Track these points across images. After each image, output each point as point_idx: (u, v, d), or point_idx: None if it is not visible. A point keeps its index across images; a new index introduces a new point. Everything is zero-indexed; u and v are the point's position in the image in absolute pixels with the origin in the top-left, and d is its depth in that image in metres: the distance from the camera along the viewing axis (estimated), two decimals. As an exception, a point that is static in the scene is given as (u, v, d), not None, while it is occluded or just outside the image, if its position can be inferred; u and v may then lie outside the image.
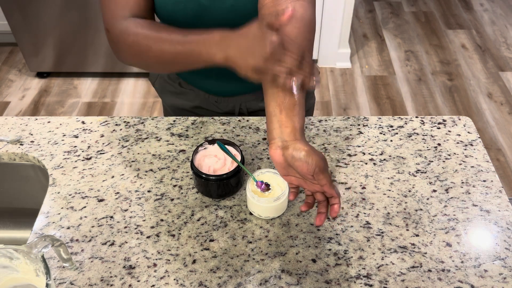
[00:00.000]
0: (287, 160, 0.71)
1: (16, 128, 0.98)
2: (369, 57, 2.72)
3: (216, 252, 0.76)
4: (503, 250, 0.76)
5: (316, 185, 0.72)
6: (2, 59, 2.71)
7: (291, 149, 0.71)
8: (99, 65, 2.49)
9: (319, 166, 0.69)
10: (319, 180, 0.70)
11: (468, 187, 0.85)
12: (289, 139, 0.72)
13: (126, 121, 0.99)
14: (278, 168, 0.74)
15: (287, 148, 0.71)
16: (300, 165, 0.70)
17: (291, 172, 0.74)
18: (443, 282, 0.71)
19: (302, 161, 0.69)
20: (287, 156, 0.71)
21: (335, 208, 0.71)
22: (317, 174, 0.69)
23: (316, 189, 0.73)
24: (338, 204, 0.71)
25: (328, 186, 0.70)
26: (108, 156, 0.92)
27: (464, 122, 0.98)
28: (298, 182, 0.74)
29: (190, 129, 0.97)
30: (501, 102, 2.41)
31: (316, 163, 0.69)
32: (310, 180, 0.72)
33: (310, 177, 0.71)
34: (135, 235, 0.78)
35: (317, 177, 0.70)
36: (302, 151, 0.70)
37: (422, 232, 0.78)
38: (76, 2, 2.22)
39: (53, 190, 0.86)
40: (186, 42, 0.73)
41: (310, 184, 0.73)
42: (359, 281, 0.72)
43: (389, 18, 3.05)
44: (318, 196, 0.74)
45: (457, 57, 2.71)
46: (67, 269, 0.73)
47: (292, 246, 0.76)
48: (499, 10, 3.09)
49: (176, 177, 0.87)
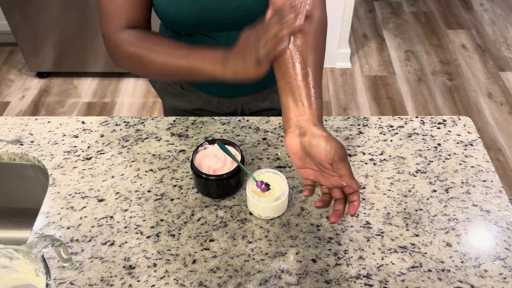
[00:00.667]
0: (305, 148, 0.67)
1: (16, 128, 0.98)
2: (369, 57, 2.72)
3: (216, 252, 0.76)
4: (503, 250, 0.76)
5: (334, 177, 0.67)
6: (2, 59, 2.71)
7: (309, 136, 0.66)
8: (99, 65, 2.49)
9: (338, 154, 0.65)
10: (338, 170, 0.66)
11: (468, 187, 0.85)
12: (306, 125, 0.68)
13: (126, 121, 0.99)
14: (294, 159, 0.70)
15: (304, 135, 0.67)
16: (318, 152, 0.65)
17: (308, 164, 0.69)
18: (443, 282, 0.71)
19: (320, 148, 0.65)
20: (304, 144, 0.67)
21: (355, 204, 0.67)
22: (336, 163, 0.65)
23: (334, 183, 0.68)
24: (358, 201, 0.67)
25: (348, 176, 0.66)
26: (108, 156, 0.92)
27: (464, 122, 0.98)
28: (315, 176, 0.70)
29: (190, 129, 0.97)
30: (501, 102, 2.41)
31: (335, 150, 0.65)
32: (329, 171, 0.67)
33: (329, 166, 0.66)
34: (135, 235, 0.78)
35: (336, 166, 0.65)
36: (320, 137, 0.66)
37: (422, 232, 0.78)
38: (76, 2, 2.23)
39: (53, 190, 0.86)
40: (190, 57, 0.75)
41: (328, 177, 0.68)
42: (359, 281, 0.72)
43: (389, 18, 3.05)
44: (336, 193, 0.69)
45: (457, 57, 2.71)
46: (67, 269, 0.73)
47: (292, 246, 0.76)
48: (499, 10, 3.09)
49: (176, 177, 0.87)
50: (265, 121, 0.98)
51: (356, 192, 0.67)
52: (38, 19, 2.30)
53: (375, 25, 2.98)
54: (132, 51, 0.80)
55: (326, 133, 0.66)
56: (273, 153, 0.92)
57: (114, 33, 0.82)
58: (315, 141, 0.66)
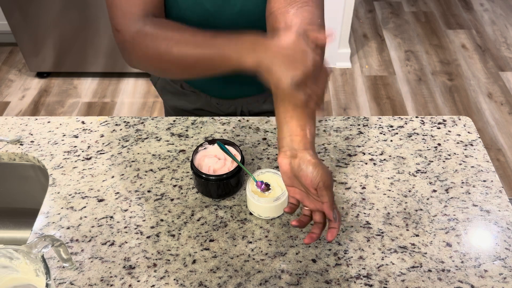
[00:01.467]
0: (293, 169, 0.69)
1: (16, 128, 0.98)
2: (369, 57, 2.72)
3: (216, 252, 0.76)
4: (503, 250, 0.76)
5: (317, 202, 0.69)
6: (2, 59, 2.71)
7: (299, 159, 0.69)
8: (99, 65, 2.49)
9: (323, 181, 0.67)
10: (321, 197, 0.67)
11: (468, 187, 0.85)
12: (299, 148, 0.70)
13: (126, 121, 0.99)
14: (284, 178, 0.72)
15: (295, 157, 0.69)
16: (305, 176, 0.68)
17: (295, 183, 0.71)
18: (443, 282, 0.71)
19: (307, 172, 0.67)
20: (294, 165, 0.69)
21: (333, 232, 0.68)
22: (321, 189, 0.67)
23: (317, 206, 0.70)
24: (336, 229, 0.68)
25: (328, 205, 0.67)
26: (108, 156, 0.92)
27: (464, 122, 0.98)
28: (300, 196, 0.72)
29: (190, 129, 0.97)
30: (501, 102, 2.41)
31: (321, 177, 0.67)
32: (313, 195, 0.69)
33: (313, 191, 0.68)
34: (135, 235, 0.78)
35: (320, 192, 0.67)
36: (309, 163, 0.68)
37: (422, 232, 0.78)
38: (76, 2, 2.22)
39: (53, 190, 0.86)
40: (213, 45, 0.70)
41: (312, 201, 0.70)
42: (359, 281, 0.72)
43: (389, 18, 3.05)
44: (316, 216, 0.71)
45: (457, 57, 2.71)
46: (67, 269, 0.73)
47: (292, 246, 0.76)
48: (499, 10, 3.09)
49: (176, 177, 0.87)
50: (265, 121, 0.98)
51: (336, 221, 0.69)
52: (38, 19, 2.30)
53: (375, 25, 2.98)
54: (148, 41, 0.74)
55: (315, 159, 0.68)
56: (273, 153, 0.91)
57: (130, 24, 0.76)
58: (304, 166, 0.68)
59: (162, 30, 0.75)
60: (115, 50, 2.41)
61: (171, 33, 0.74)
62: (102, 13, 2.26)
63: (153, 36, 0.74)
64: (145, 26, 0.75)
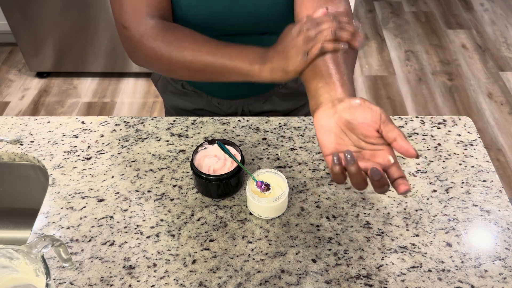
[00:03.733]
0: (342, 118, 0.57)
1: (16, 128, 0.98)
2: (369, 57, 2.72)
3: (216, 252, 0.76)
4: (503, 250, 0.76)
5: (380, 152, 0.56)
6: (2, 59, 2.71)
7: (346, 102, 0.57)
8: (99, 65, 2.49)
9: (384, 113, 0.56)
10: (389, 133, 0.55)
11: (468, 187, 0.85)
12: (342, 97, 0.59)
13: (126, 121, 0.99)
14: (325, 142, 0.58)
15: (341, 102, 0.58)
16: (363, 114, 0.56)
17: (343, 143, 0.58)
18: (443, 282, 0.71)
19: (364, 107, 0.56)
20: (343, 112, 0.57)
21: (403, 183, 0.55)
22: (385, 123, 0.56)
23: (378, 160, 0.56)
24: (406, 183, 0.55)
25: (403, 138, 0.55)
26: (108, 156, 0.92)
27: (464, 122, 0.98)
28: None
29: (190, 129, 0.97)
30: (501, 102, 2.41)
31: (380, 109, 0.56)
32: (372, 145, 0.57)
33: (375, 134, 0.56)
34: (135, 235, 0.78)
35: (386, 128, 0.56)
36: (361, 101, 0.57)
37: (422, 232, 0.78)
38: (76, 2, 2.22)
39: (53, 190, 0.86)
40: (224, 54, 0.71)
41: (370, 156, 0.57)
42: (359, 281, 0.72)
43: (389, 18, 3.05)
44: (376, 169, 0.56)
45: (457, 57, 2.71)
46: (67, 269, 0.73)
47: (292, 246, 0.76)
48: (499, 10, 3.09)
49: (176, 177, 0.87)
50: (265, 121, 0.98)
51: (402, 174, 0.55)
52: (38, 19, 2.30)
53: (375, 25, 2.98)
54: (158, 44, 0.74)
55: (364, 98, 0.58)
56: (273, 153, 0.91)
57: (139, 23, 0.75)
58: (356, 103, 0.57)
59: (174, 34, 0.75)
60: (115, 50, 2.41)
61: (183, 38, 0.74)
62: (102, 13, 2.26)
63: (165, 38, 0.74)
64: (155, 27, 0.75)
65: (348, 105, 0.58)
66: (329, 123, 0.59)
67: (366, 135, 0.57)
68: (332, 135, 0.58)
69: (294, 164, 0.89)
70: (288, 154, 0.91)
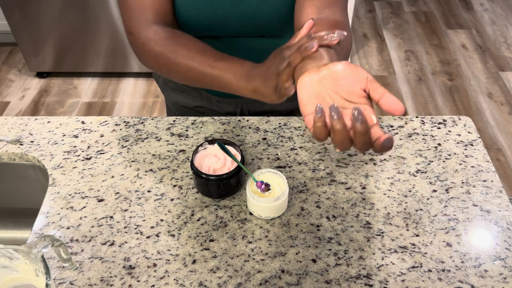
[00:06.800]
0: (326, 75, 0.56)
1: (16, 128, 0.98)
2: (369, 57, 2.72)
3: (216, 252, 0.76)
4: (503, 250, 0.76)
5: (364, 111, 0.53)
6: (2, 59, 2.71)
7: (332, 64, 0.56)
8: (99, 65, 2.49)
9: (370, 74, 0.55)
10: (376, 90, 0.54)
11: (468, 187, 0.85)
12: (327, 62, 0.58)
13: (126, 121, 0.99)
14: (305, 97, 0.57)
15: (326, 65, 0.57)
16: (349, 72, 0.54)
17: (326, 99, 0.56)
18: (443, 282, 0.71)
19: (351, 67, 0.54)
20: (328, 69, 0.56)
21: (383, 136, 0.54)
22: (372, 82, 0.54)
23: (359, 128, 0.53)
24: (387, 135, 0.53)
25: (389, 93, 0.54)
26: (108, 156, 0.92)
27: (464, 122, 0.98)
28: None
29: (190, 129, 0.97)
30: (501, 102, 2.41)
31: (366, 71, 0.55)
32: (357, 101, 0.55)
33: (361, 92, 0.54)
34: (135, 235, 0.78)
35: (373, 85, 0.54)
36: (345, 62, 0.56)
37: (422, 232, 0.78)
38: (76, 2, 2.23)
39: (53, 190, 0.86)
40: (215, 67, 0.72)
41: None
42: (359, 281, 0.72)
43: (389, 18, 3.05)
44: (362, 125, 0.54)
45: (457, 57, 2.71)
46: (67, 269, 0.73)
47: (292, 246, 0.76)
48: (499, 10, 3.09)
49: (176, 177, 0.87)
50: (265, 121, 0.98)
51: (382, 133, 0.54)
52: (38, 19, 2.30)
53: (375, 25, 2.98)
54: (158, 50, 0.78)
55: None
56: (273, 153, 0.91)
57: (142, 30, 0.79)
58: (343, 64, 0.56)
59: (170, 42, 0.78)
60: (115, 50, 2.41)
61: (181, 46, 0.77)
62: (102, 13, 2.26)
63: (163, 46, 0.78)
64: (156, 33, 0.79)
65: (334, 65, 0.56)
66: (312, 81, 0.57)
67: (351, 93, 0.56)
68: (314, 95, 0.57)
69: (294, 164, 0.89)
70: (288, 154, 0.91)
